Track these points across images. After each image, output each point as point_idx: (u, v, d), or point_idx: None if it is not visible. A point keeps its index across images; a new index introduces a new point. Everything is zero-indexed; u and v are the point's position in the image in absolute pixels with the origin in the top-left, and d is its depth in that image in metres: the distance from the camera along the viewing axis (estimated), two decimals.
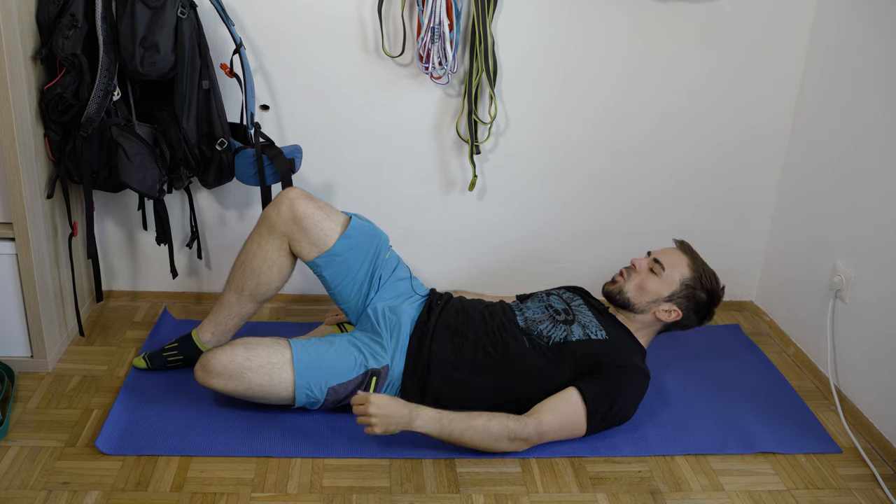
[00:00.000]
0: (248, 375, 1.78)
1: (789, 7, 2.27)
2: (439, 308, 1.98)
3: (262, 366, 1.79)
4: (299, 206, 1.90)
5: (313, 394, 1.82)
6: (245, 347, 1.81)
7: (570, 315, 1.97)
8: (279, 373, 1.80)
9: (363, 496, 1.70)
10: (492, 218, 2.44)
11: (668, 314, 1.95)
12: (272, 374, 1.79)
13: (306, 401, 1.83)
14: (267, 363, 1.80)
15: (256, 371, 1.79)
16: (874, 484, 1.83)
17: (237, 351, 1.80)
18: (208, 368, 1.79)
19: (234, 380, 1.79)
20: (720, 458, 1.88)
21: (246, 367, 1.78)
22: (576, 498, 1.74)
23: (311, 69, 2.21)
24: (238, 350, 1.80)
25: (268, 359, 1.80)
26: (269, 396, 1.82)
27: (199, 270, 2.45)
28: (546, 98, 2.30)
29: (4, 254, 1.93)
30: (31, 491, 1.65)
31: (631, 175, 2.43)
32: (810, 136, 2.32)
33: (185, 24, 1.91)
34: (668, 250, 2.02)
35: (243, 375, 1.78)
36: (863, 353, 2.05)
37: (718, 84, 2.34)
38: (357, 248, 1.96)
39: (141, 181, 1.99)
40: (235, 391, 1.80)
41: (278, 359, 1.81)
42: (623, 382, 1.84)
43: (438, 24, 2.08)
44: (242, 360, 1.79)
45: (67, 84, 1.89)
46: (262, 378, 1.79)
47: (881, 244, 1.99)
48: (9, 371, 1.97)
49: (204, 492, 1.68)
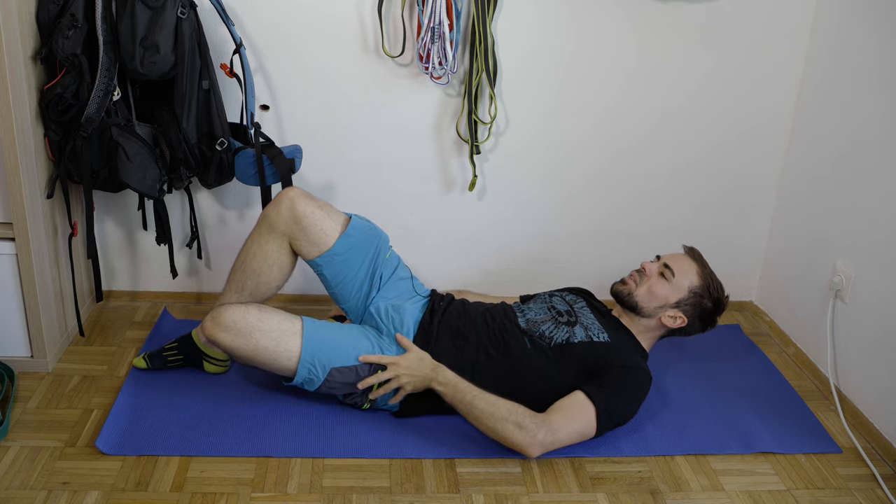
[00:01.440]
0: (257, 336, 1.78)
1: (789, 7, 2.27)
2: (441, 309, 1.98)
3: (272, 330, 1.79)
4: (299, 205, 1.90)
5: (315, 370, 1.82)
6: (259, 309, 1.82)
7: (572, 317, 1.97)
8: (287, 340, 1.80)
9: (363, 496, 1.70)
10: (492, 218, 2.44)
11: (673, 320, 1.95)
12: (280, 341, 1.79)
13: (306, 376, 1.82)
14: (277, 328, 1.80)
15: (265, 333, 1.78)
16: (874, 484, 1.83)
17: (251, 310, 1.80)
18: (218, 321, 1.78)
19: (242, 337, 1.78)
20: (720, 458, 1.88)
21: (256, 328, 1.78)
22: (576, 498, 1.74)
23: (311, 69, 2.21)
24: (252, 309, 1.81)
25: (279, 325, 1.80)
26: (271, 362, 1.81)
27: (199, 270, 2.45)
28: (546, 98, 2.30)
29: (4, 254, 1.93)
30: (31, 491, 1.65)
31: (631, 175, 2.43)
32: (810, 135, 2.32)
33: (185, 24, 1.91)
34: (677, 256, 2.02)
35: (251, 335, 1.77)
36: (863, 353, 2.05)
37: (718, 84, 2.34)
38: (357, 247, 1.96)
39: (141, 181, 1.99)
40: (240, 349, 1.79)
41: (289, 327, 1.81)
42: (627, 383, 1.84)
43: (438, 24, 2.08)
44: (254, 320, 1.79)
45: (67, 84, 1.89)
46: (269, 342, 1.78)
47: (881, 244, 1.99)
48: (9, 371, 1.97)
49: (204, 492, 1.68)
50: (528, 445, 1.75)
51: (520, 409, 1.77)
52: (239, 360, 1.84)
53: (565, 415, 1.78)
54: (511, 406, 1.78)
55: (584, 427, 1.79)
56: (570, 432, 1.78)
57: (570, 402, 1.80)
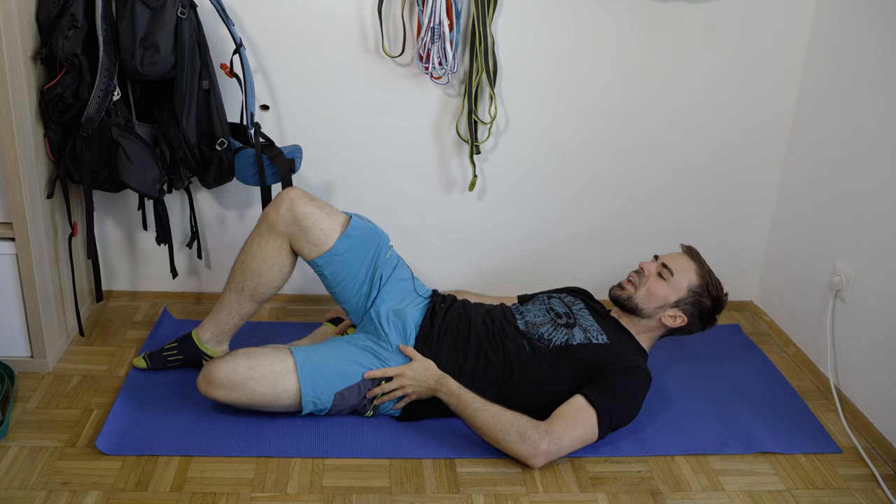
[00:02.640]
0: (251, 385, 1.77)
1: (789, 7, 2.27)
2: (442, 312, 1.98)
3: (266, 375, 1.78)
4: (299, 205, 1.90)
5: (320, 401, 1.82)
6: (247, 357, 1.80)
7: (571, 318, 1.97)
8: (283, 381, 1.79)
9: (363, 496, 1.70)
10: (492, 218, 2.44)
11: (673, 320, 1.95)
12: (276, 383, 1.79)
13: (313, 408, 1.83)
14: (270, 372, 1.79)
15: (259, 381, 1.78)
16: (874, 484, 1.83)
17: (239, 361, 1.79)
18: (211, 380, 1.78)
19: (237, 390, 1.77)
20: (720, 458, 1.88)
21: (249, 377, 1.77)
22: (576, 498, 1.74)
23: (311, 69, 2.21)
24: (240, 360, 1.79)
25: (271, 368, 1.79)
26: (273, 405, 1.81)
27: (199, 270, 2.45)
28: (546, 98, 2.30)
29: (4, 254, 1.93)
30: (31, 491, 1.65)
31: (631, 175, 2.43)
32: (810, 136, 2.32)
33: (185, 24, 1.91)
34: (675, 255, 2.02)
35: (246, 385, 1.77)
36: (863, 353, 2.05)
37: (718, 84, 2.34)
38: (357, 247, 1.96)
39: (141, 181, 1.99)
40: (239, 401, 1.79)
41: (281, 367, 1.80)
42: (627, 384, 1.84)
43: (438, 24, 2.08)
44: (245, 371, 1.77)
45: (67, 84, 1.89)
46: (265, 388, 1.78)
47: (881, 244, 1.99)
48: (9, 371, 1.97)
49: (204, 492, 1.68)
50: (531, 457, 1.75)
51: (522, 420, 1.77)
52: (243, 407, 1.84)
53: (567, 422, 1.78)
54: (513, 417, 1.77)
55: (587, 433, 1.78)
56: (574, 439, 1.78)
57: (571, 408, 1.80)
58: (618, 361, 1.86)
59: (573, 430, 1.77)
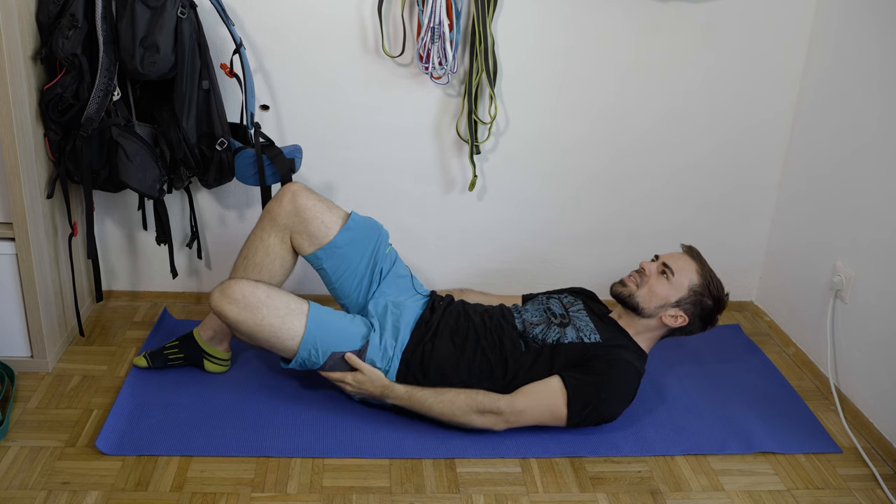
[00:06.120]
0: (263, 311, 1.80)
1: (789, 7, 2.27)
2: (442, 308, 1.99)
3: (280, 307, 1.81)
4: (301, 198, 1.93)
5: (316, 353, 1.84)
6: (268, 287, 1.85)
7: (565, 318, 1.97)
8: (292, 319, 1.82)
9: (363, 496, 1.70)
10: (492, 218, 2.44)
11: (674, 319, 1.95)
12: (286, 319, 1.81)
13: (306, 357, 1.84)
14: (284, 307, 1.82)
15: (272, 310, 1.80)
16: (874, 484, 1.83)
17: (260, 286, 1.83)
18: (227, 293, 1.80)
19: (249, 311, 1.79)
20: (720, 458, 1.88)
21: (264, 303, 1.80)
22: (576, 498, 1.74)
23: (311, 69, 2.21)
24: (262, 286, 1.84)
25: (286, 304, 1.83)
26: (273, 339, 1.82)
27: (199, 270, 2.45)
28: (546, 98, 2.30)
29: (4, 254, 1.93)
30: (31, 491, 1.65)
31: (631, 175, 2.43)
32: (810, 136, 2.32)
33: (185, 24, 1.91)
34: (676, 255, 2.02)
35: (258, 309, 1.79)
36: (863, 353, 2.05)
37: (718, 84, 2.34)
38: (357, 240, 1.97)
39: (141, 181, 1.99)
40: (245, 323, 1.80)
41: (296, 307, 1.84)
42: (608, 372, 1.85)
43: (438, 24, 2.08)
44: (263, 296, 1.81)
45: (67, 84, 1.89)
46: (275, 319, 1.80)
47: (881, 244, 1.99)
48: (9, 371, 1.97)
49: (204, 492, 1.68)
50: (493, 426, 1.86)
51: (479, 397, 1.83)
52: (241, 336, 1.86)
53: (530, 394, 1.84)
54: (468, 398, 1.83)
55: (554, 408, 1.84)
56: (536, 410, 1.84)
57: (540, 384, 1.86)
58: (604, 354, 1.87)
59: (536, 406, 1.84)
